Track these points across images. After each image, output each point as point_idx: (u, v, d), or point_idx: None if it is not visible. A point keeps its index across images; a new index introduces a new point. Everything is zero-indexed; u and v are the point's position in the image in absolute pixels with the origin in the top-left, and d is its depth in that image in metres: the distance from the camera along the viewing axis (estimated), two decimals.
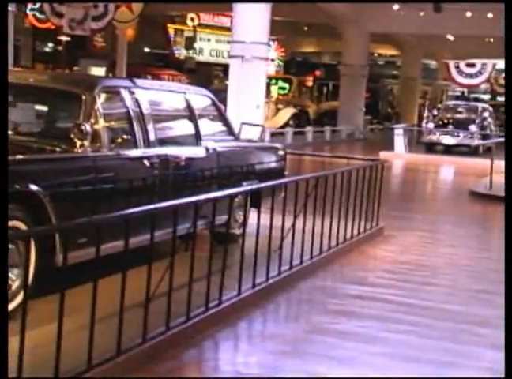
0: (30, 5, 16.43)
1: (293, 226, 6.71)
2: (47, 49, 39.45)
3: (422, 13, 28.19)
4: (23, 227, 4.82)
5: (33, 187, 4.87)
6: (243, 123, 8.68)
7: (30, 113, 6.41)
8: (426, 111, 29.50)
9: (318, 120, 33.49)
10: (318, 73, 41.43)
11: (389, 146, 23.36)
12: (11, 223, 4.73)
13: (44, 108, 6.51)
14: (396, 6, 28.07)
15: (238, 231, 7.34)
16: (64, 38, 30.45)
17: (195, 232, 5.12)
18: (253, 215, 6.73)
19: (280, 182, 6.99)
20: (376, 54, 48.48)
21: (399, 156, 22.29)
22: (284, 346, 5.05)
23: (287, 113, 30.37)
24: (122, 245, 4.38)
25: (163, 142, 6.52)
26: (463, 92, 48.87)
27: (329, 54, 48.44)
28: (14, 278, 4.80)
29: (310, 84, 37.74)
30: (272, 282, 6.14)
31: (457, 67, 27.81)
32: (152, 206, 4.81)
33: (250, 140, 8.70)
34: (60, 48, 36.12)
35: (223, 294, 5.37)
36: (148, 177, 6.14)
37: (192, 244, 5.11)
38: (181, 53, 40.64)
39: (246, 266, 5.70)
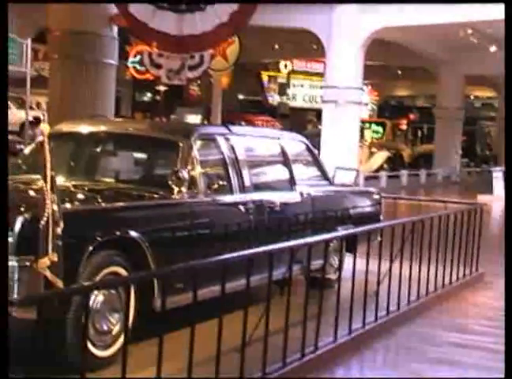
0: (131, 59, 17.05)
1: (389, 270, 6.61)
2: (145, 98, 40.77)
3: None
4: (123, 272, 4.94)
5: (133, 233, 4.99)
6: (338, 167, 8.67)
7: (130, 161, 6.61)
8: None
9: (412, 163, 33.10)
10: (412, 116, 41.09)
11: (487, 189, 22.78)
12: (112, 269, 4.87)
13: (143, 156, 6.71)
14: (493, 48, 27.61)
15: (333, 276, 7.28)
16: (161, 88, 31.40)
17: (291, 277, 5.12)
18: (348, 259, 6.67)
19: (375, 227, 6.91)
20: (472, 96, 47.69)
21: (498, 199, 21.68)
22: None
23: (381, 156, 30.15)
24: (219, 290, 4.42)
25: (258, 187, 6.59)
26: None
27: (424, 97, 48.01)
28: (115, 322, 4.90)
29: (404, 127, 37.47)
30: (368, 328, 6.04)
31: None
32: (248, 251, 4.84)
33: (344, 185, 8.67)
34: (157, 97, 37.25)
35: (319, 339, 5.31)
36: (243, 222, 6.20)
37: (287, 289, 5.10)
38: (274, 99, 41.17)
39: (342, 311, 5.63)
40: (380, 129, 34.83)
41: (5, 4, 3.80)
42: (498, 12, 14.41)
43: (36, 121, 17.49)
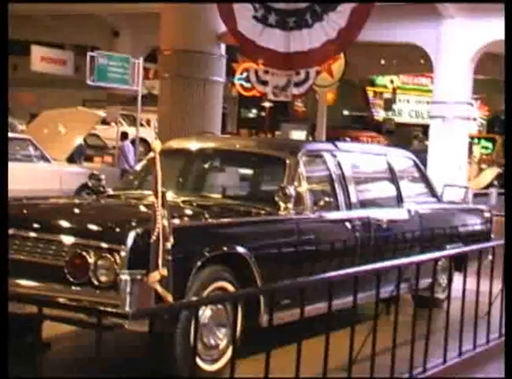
0: (238, 76, 17.35)
1: (502, 291, 6.39)
2: (250, 115, 41.25)
3: None
4: (230, 287, 4.99)
5: (240, 249, 5.04)
6: (446, 185, 8.49)
7: (237, 177, 6.70)
8: None
9: None
10: None
11: None
12: (219, 284, 4.92)
13: (250, 172, 6.78)
14: None
15: (441, 296, 7.12)
16: (267, 104, 31.69)
17: (398, 296, 5.04)
18: (457, 278, 6.51)
19: (486, 246, 6.71)
20: None
21: None
22: None
23: (491, 173, 29.27)
24: (325, 307, 4.40)
25: (364, 204, 6.52)
26: None
27: None
28: (222, 337, 4.95)
29: None
30: (480, 350, 5.85)
31: None
32: (354, 269, 4.80)
33: (453, 202, 8.48)
34: (263, 114, 37.61)
35: (427, 360, 5.19)
36: (349, 239, 6.15)
37: (395, 308, 5.02)
38: (380, 114, 40.79)
39: (451, 332, 5.49)
40: (490, 144, 33.83)
41: (6, 4, 3.86)
42: None
43: (124, 137, 18.06)
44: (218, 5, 10.94)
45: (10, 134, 14.91)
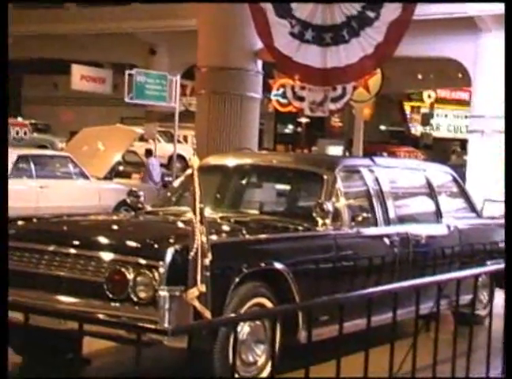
0: (274, 92, 17.42)
1: None
2: (287, 131, 41.27)
3: None
4: (268, 303, 4.98)
5: (278, 265, 5.03)
6: (486, 199, 8.40)
7: (274, 193, 6.70)
8: None
9: None
10: None
11: None
12: (257, 300, 4.92)
13: (287, 188, 6.78)
14: None
15: (482, 312, 7.02)
16: (303, 119, 31.69)
17: (438, 312, 4.97)
18: (499, 295, 6.41)
19: None
20: None
21: None
22: None
23: None
24: (364, 323, 4.36)
25: (403, 220, 6.48)
26: None
27: None
28: (260, 353, 4.93)
29: None
30: None
31: None
32: (394, 285, 4.76)
33: (493, 217, 8.38)
34: (299, 129, 37.61)
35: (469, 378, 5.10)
36: (387, 255, 6.10)
37: (436, 324, 4.96)
38: (417, 129, 40.51)
39: (493, 350, 5.39)
40: None
41: (5, 4, 3.89)
42: None
43: (148, 153, 18.15)
44: (255, 22, 11.01)
45: (51, 152, 15.13)
